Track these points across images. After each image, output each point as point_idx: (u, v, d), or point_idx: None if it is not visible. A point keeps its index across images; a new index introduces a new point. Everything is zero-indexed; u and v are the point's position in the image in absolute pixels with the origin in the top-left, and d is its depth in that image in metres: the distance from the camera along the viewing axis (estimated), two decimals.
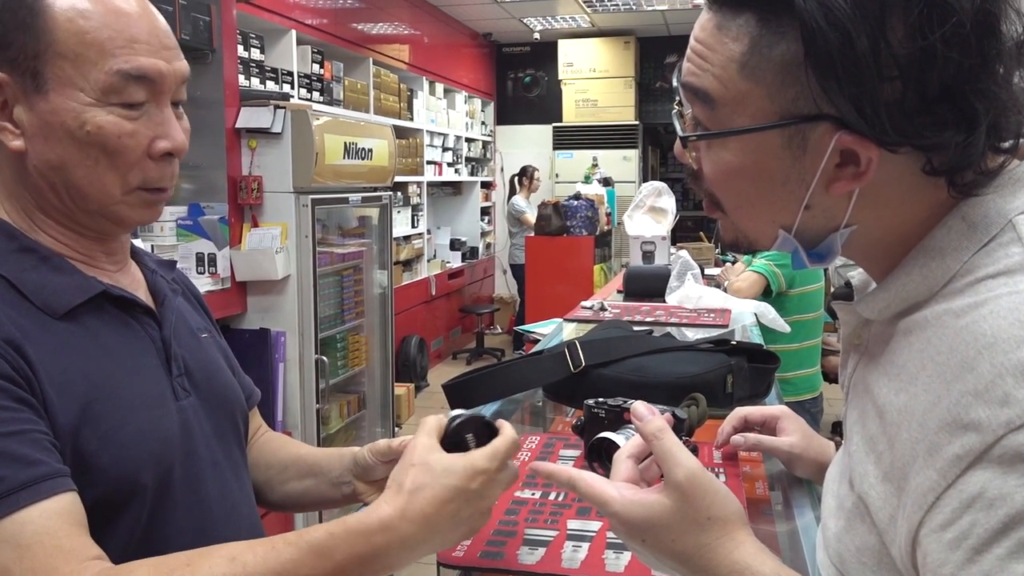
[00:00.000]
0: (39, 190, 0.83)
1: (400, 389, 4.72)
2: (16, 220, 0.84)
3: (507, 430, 0.80)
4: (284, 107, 2.96)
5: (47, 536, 0.68)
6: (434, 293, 6.64)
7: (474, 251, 7.72)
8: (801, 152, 0.59)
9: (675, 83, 0.69)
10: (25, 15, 0.77)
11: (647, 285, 2.74)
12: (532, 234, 6.05)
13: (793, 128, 0.58)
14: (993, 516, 0.48)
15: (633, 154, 7.77)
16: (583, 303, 2.51)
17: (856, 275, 0.71)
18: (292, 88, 4.48)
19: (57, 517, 0.70)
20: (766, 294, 2.79)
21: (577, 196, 5.91)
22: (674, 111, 0.69)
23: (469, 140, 7.68)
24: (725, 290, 2.84)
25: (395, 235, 5.36)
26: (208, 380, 0.95)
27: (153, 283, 0.94)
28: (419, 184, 6.43)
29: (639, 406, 0.70)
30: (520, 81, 8.49)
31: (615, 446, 1.01)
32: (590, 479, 0.68)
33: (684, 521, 0.64)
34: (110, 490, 0.78)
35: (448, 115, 7.09)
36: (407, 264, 6.28)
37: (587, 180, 6.81)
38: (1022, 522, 0.47)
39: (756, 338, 2.10)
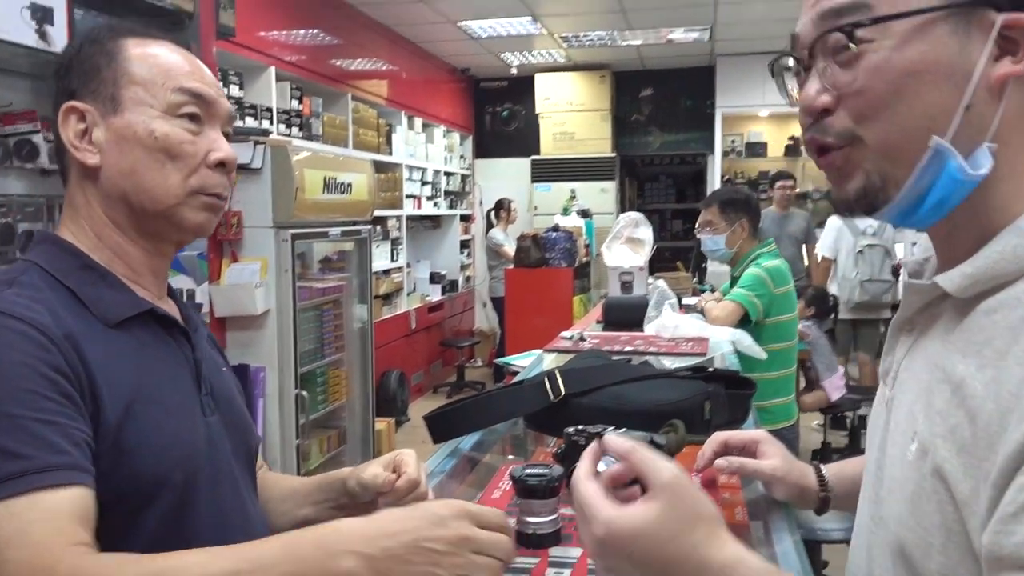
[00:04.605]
0: (110, 200, 0.96)
1: (380, 424, 4.68)
2: (81, 240, 0.96)
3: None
4: (264, 143, 2.98)
5: (51, 519, 0.74)
6: (414, 327, 6.63)
7: (454, 284, 7.72)
8: (966, 39, 0.61)
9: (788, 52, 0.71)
10: (107, 59, 0.95)
11: (626, 315, 2.77)
12: (511, 266, 6.08)
13: (958, 12, 0.61)
14: None
15: (611, 186, 7.85)
16: (563, 334, 2.53)
17: (910, 260, 0.74)
18: (271, 124, 4.50)
19: (67, 503, 0.76)
20: (744, 322, 2.82)
21: (556, 228, 5.95)
22: (791, 69, 0.71)
23: (448, 174, 7.74)
24: (703, 312, 2.87)
25: (375, 269, 5.36)
26: (228, 404, 1.04)
27: (186, 314, 1.06)
28: (398, 218, 6.46)
29: (609, 438, 0.71)
30: (498, 115, 8.58)
31: (596, 472, 1.03)
32: (593, 488, 0.68)
33: (674, 523, 0.63)
34: (144, 483, 0.87)
35: (427, 149, 7.15)
36: (387, 298, 6.28)
37: (565, 212, 6.87)
38: None
39: (733, 366, 2.13)
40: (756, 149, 7.75)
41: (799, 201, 6.83)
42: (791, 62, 0.71)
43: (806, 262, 5.62)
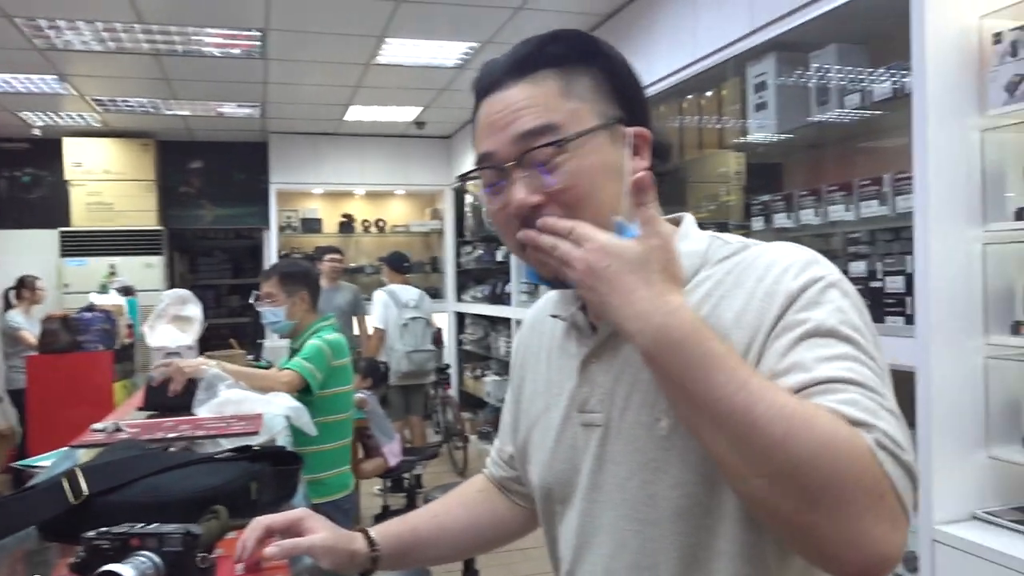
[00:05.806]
0: None
1: None
2: None
3: None
4: None
5: None
6: None
7: None
8: (620, 144, 0.86)
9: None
10: None
11: (172, 398, 2.57)
12: (34, 353, 5.27)
13: (612, 127, 0.86)
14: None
15: (158, 260, 7.32)
16: (94, 426, 2.25)
17: (566, 314, 0.95)
18: None
19: None
20: (304, 392, 2.80)
21: (91, 308, 5.34)
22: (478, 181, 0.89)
23: None
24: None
25: None
26: None
27: None
28: None
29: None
30: (18, 180, 7.47)
31: None
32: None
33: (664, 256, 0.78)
34: None
35: None
36: None
37: (104, 289, 6.21)
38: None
39: (287, 442, 2.11)
40: (312, 225, 7.95)
41: (350, 275, 7.15)
42: (488, 175, 0.88)
43: (356, 332, 5.86)
